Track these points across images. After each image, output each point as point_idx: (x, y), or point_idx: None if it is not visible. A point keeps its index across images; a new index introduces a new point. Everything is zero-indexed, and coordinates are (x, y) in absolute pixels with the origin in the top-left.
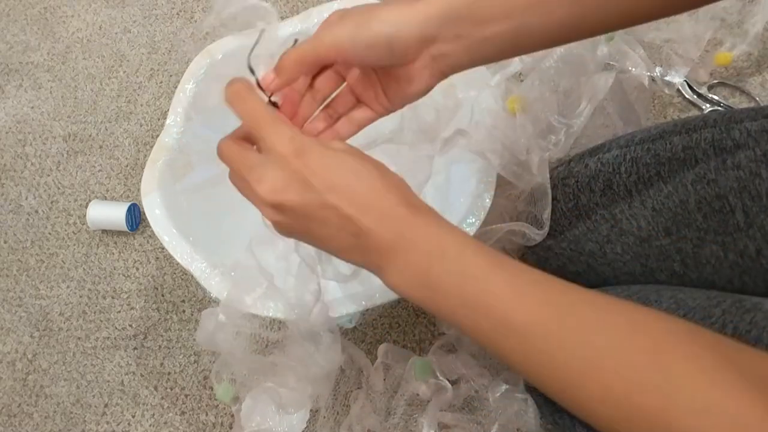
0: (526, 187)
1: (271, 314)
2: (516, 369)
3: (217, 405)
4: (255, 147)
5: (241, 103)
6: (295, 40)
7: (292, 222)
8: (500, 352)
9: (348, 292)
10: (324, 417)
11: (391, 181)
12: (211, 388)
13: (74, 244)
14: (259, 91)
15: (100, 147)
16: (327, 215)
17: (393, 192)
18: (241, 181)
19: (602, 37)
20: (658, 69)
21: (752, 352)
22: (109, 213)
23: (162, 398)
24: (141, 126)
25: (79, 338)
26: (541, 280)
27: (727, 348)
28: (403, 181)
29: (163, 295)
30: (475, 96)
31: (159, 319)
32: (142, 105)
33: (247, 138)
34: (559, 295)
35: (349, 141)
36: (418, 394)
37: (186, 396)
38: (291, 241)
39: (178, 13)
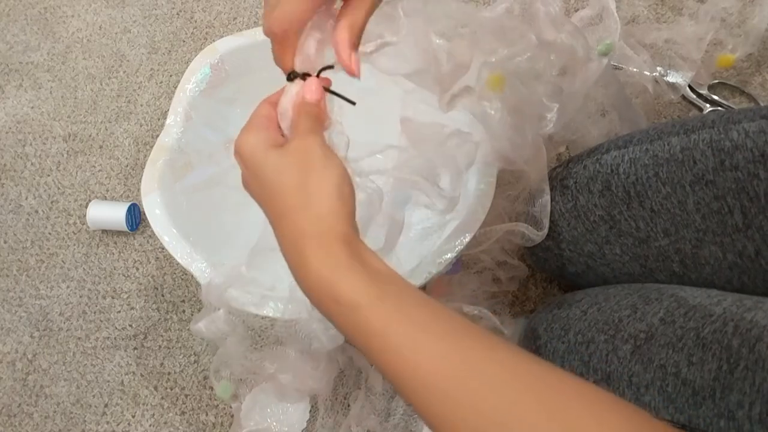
0: (521, 168)
1: (270, 314)
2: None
3: (217, 405)
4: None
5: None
6: None
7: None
8: (411, 405)
9: None
10: (323, 418)
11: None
12: (211, 388)
13: (74, 244)
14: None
15: (100, 147)
16: (263, 206)
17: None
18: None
19: (598, 48)
20: (659, 69)
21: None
22: (109, 213)
23: (162, 398)
24: (141, 126)
25: (79, 338)
26: (450, 332)
27: (646, 421)
28: (336, 208)
29: (163, 295)
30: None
31: (159, 319)
32: (142, 105)
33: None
34: (462, 352)
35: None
36: None
37: (186, 396)
38: None
39: (178, 13)
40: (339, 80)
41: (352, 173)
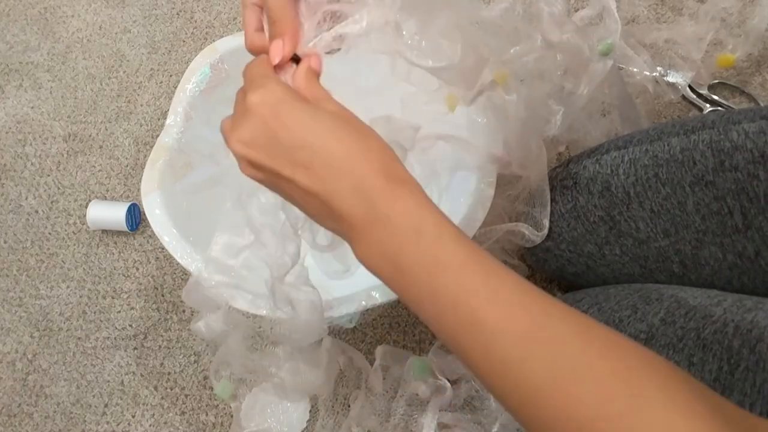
0: (524, 169)
1: (248, 308)
2: (475, 372)
3: (217, 405)
4: None
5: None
6: None
7: (264, 178)
8: (462, 351)
9: (348, 292)
10: (324, 418)
11: (373, 145)
12: (211, 388)
13: (74, 244)
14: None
15: (100, 147)
16: (295, 176)
17: (373, 159)
18: (225, 124)
19: (598, 48)
20: (659, 69)
21: (732, 405)
22: (109, 213)
23: (162, 398)
24: (141, 126)
25: (79, 338)
26: (519, 283)
27: (705, 392)
28: (388, 149)
29: (163, 295)
30: None
31: (159, 319)
32: (142, 105)
33: None
34: (535, 304)
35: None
36: (417, 394)
37: (186, 396)
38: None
39: (178, 13)
40: (340, 81)
41: None
